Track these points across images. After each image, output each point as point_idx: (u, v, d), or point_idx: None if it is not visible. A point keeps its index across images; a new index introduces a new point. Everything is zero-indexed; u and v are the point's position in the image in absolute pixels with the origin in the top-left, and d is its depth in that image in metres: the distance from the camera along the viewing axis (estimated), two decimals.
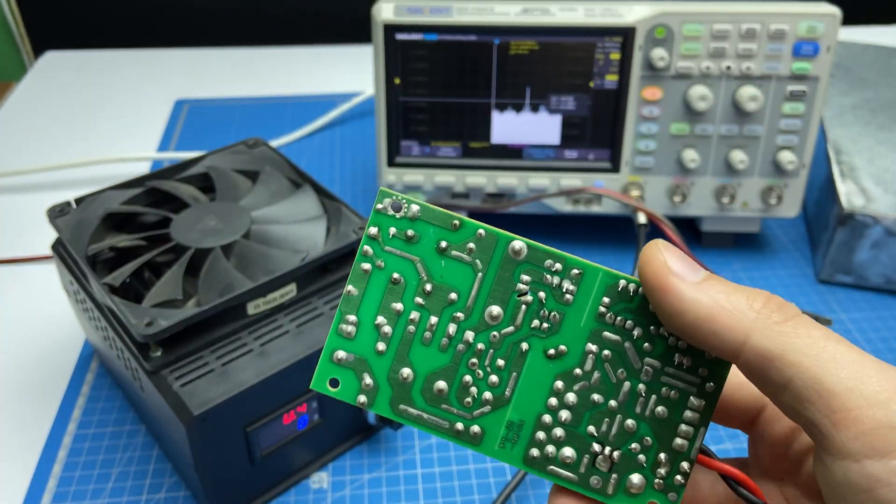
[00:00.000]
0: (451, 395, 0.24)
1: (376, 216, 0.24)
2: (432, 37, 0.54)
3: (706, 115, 0.55)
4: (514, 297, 0.24)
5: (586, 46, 0.54)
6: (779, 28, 0.52)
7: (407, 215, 0.24)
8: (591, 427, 0.24)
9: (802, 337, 0.20)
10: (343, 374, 0.24)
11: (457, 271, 0.24)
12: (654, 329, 0.23)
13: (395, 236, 0.24)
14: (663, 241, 0.22)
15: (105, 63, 0.95)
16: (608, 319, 0.24)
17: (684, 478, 0.23)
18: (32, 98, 0.88)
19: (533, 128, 0.57)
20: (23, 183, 0.72)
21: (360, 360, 0.24)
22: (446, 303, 0.24)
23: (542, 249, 0.24)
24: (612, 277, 0.23)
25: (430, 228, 0.24)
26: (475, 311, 0.24)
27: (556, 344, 0.24)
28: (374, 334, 0.24)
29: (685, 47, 0.53)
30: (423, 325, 0.24)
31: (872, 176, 0.58)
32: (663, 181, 0.57)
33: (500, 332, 0.24)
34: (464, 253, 0.24)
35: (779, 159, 0.55)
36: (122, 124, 0.82)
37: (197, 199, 0.47)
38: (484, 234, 0.24)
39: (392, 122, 0.57)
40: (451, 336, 0.24)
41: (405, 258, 0.24)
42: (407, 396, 0.24)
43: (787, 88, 0.54)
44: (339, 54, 0.97)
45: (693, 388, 0.23)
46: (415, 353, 0.24)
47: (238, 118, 0.83)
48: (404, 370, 0.24)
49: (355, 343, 0.24)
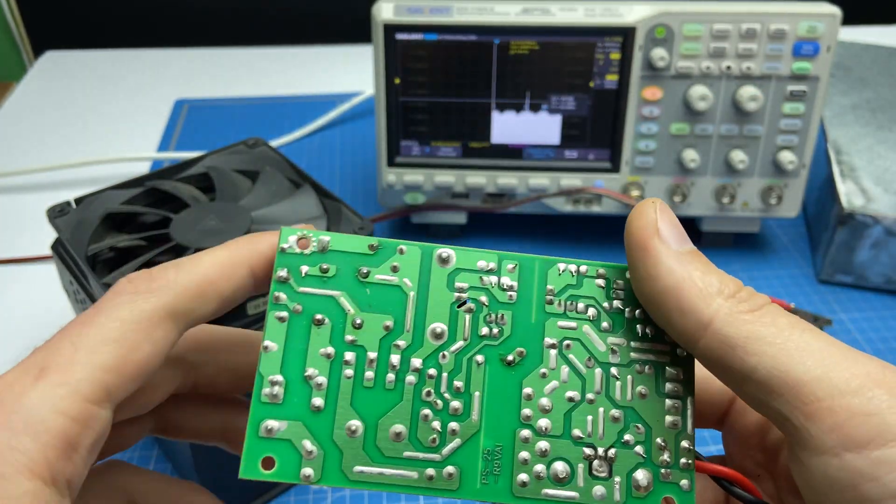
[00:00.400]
0: (412, 436, 0.21)
1: (282, 257, 0.21)
2: (432, 37, 0.54)
3: (706, 115, 0.55)
4: (455, 309, 0.22)
5: (586, 46, 0.54)
6: (779, 28, 0.52)
7: (317, 249, 0.22)
8: (575, 430, 0.21)
9: (767, 325, 0.19)
10: (278, 448, 0.20)
11: (386, 296, 0.22)
12: (608, 304, 0.22)
13: (308, 275, 0.21)
14: (662, 201, 0.21)
15: (105, 63, 0.95)
16: (558, 307, 0.22)
17: (689, 457, 0.21)
18: (32, 98, 0.88)
19: (533, 128, 0.57)
20: (22, 183, 0.72)
21: (295, 424, 0.20)
22: (382, 332, 0.21)
23: (470, 251, 0.22)
24: (549, 263, 0.22)
25: (345, 257, 0.22)
26: (416, 335, 0.21)
27: (512, 347, 0.22)
28: (307, 390, 0.21)
29: (685, 47, 0.53)
30: (361, 365, 0.21)
31: (872, 176, 0.58)
32: (663, 181, 0.57)
33: (449, 350, 0.21)
34: (388, 274, 0.22)
35: (779, 159, 0.55)
36: (122, 124, 0.82)
37: (197, 199, 0.47)
38: (406, 249, 0.22)
39: (392, 122, 0.57)
40: (397, 368, 0.21)
41: (324, 295, 0.21)
42: (360, 454, 0.20)
43: (788, 88, 0.54)
44: (339, 54, 0.97)
45: (665, 357, 0.22)
46: (359, 400, 0.21)
47: (238, 118, 0.83)
48: (351, 422, 0.20)
49: (285, 406, 0.20)
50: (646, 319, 0.22)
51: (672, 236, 0.21)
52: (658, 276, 0.20)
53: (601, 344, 0.22)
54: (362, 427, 0.21)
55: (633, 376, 0.22)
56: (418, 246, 0.22)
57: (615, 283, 0.22)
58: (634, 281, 0.21)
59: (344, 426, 0.20)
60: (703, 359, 0.20)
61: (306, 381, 0.21)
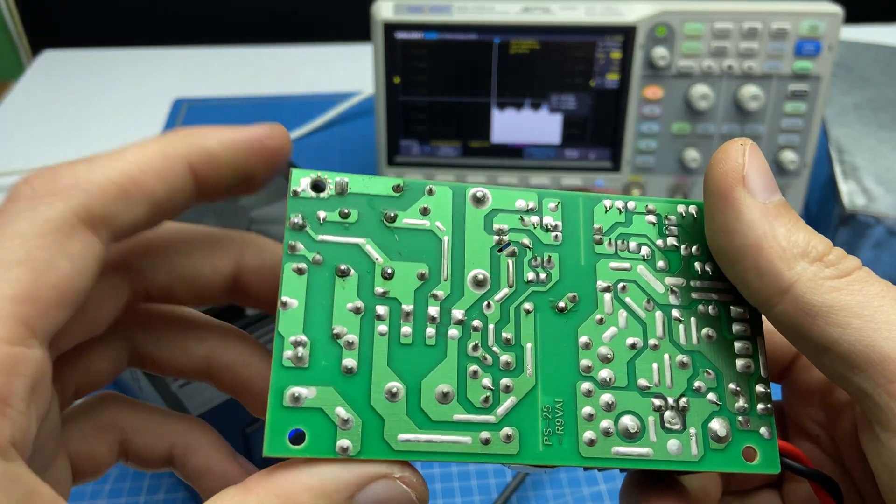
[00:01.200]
0: (461, 397, 0.18)
1: (295, 202, 0.19)
2: (432, 36, 0.54)
3: (707, 114, 0.55)
4: (496, 254, 0.19)
5: (587, 45, 0.53)
6: (780, 27, 0.52)
7: (334, 192, 0.19)
8: (641, 380, 0.19)
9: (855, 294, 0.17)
10: (307, 419, 0.17)
11: (417, 241, 0.19)
12: (662, 242, 0.20)
13: (326, 220, 0.19)
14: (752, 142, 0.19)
15: (103, 62, 0.95)
16: (608, 247, 0.20)
17: (767, 402, 0.19)
18: (30, 97, 0.87)
19: (533, 127, 0.56)
20: None
21: (326, 390, 0.18)
22: (417, 282, 0.19)
23: (507, 190, 0.20)
24: (594, 199, 0.20)
25: (368, 200, 0.19)
26: (455, 283, 0.19)
27: (563, 293, 0.19)
28: (335, 350, 0.18)
29: (686, 46, 0.53)
30: (396, 319, 0.18)
31: (874, 175, 0.58)
32: (664, 181, 0.57)
33: (493, 298, 0.19)
34: (418, 218, 0.19)
35: (780, 159, 0.55)
36: (121, 123, 0.82)
37: None
38: (435, 189, 0.20)
39: (392, 122, 0.57)
40: (437, 321, 0.19)
41: (348, 243, 0.19)
42: (404, 419, 0.18)
43: (789, 87, 0.53)
44: (339, 53, 0.97)
45: (729, 296, 0.20)
46: (397, 358, 0.18)
47: (237, 117, 0.83)
48: (391, 384, 0.18)
49: (312, 370, 0.18)
50: (704, 256, 0.20)
51: (760, 185, 0.18)
52: (737, 230, 0.18)
53: (659, 285, 0.20)
54: (404, 389, 0.18)
55: (696, 318, 0.20)
56: (449, 185, 0.20)
57: (667, 220, 0.20)
58: (710, 231, 0.19)
59: (383, 389, 0.18)
60: (777, 323, 0.18)
61: (334, 340, 0.18)
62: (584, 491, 0.43)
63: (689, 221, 0.21)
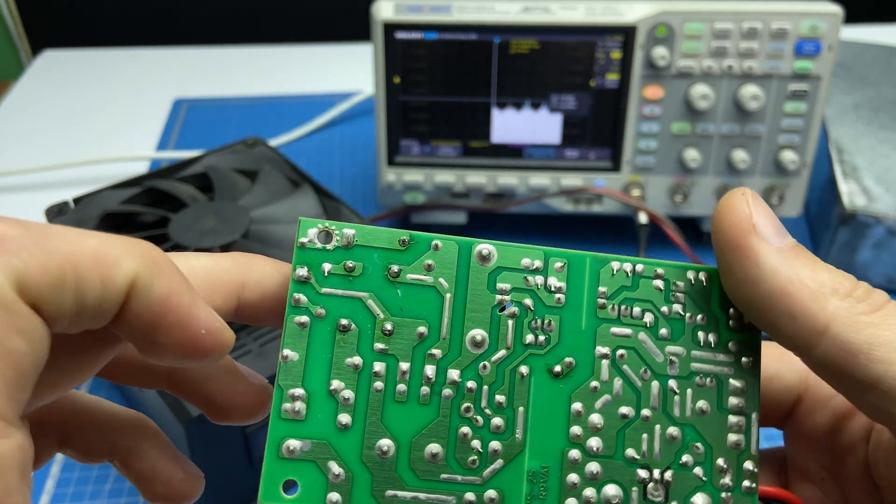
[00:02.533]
0: (450, 457, 0.19)
1: (302, 253, 0.19)
2: (432, 35, 0.54)
3: (707, 114, 0.54)
4: (496, 314, 0.20)
5: (587, 45, 0.53)
6: (780, 27, 0.52)
7: (341, 244, 0.19)
8: (629, 450, 0.19)
9: (891, 327, 0.17)
10: (301, 470, 0.18)
11: (419, 298, 0.19)
12: (667, 309, 0.20)
13: (331, 273, 0.19)
14: (752, 191, 0.19)
15: (103, 62, 0.95)
16: (611, 312, 0.20)
17: (753, 480, 0.19)
18: (30, 97, 0.87)
19: (533, 127, 0.56)
20: (20, 182, 0.72)
21: (320, 444, 0.18)
22: (415, 340, 0.19)
23: (513, 247, 0.20)
24: (602, 261, 0.20)
25: (373, 253, 0.19)
26: (453, 343, 0.19)
27: (561, 357, 0.20)
28: (332, 405, 0.19)
29: (686, 46, 0.53)
30: (392, 377, 0.19)
31: (874, 175, 0.58)
32: (664, 181, 0.57)
33: (490, 360, 0.19)
34: (421, 273, 0.20)
35: (780, 159, 0.55)
36: (121, 123, 0.82)
37: (195, 199, 0.47)
38: (441, 244, 0.20)
39: (392, 122, 0.56)
40: (432, 380, 0.19)
41: (350, 297, 0.19)
42: (392, 476, 0.19)
43: (789, 87, 0.53)
44: (339, 53, 0.97)
45: (729, 369, 0.20)
46: (390, 416, 0.19)
47: (237, 117, 0.82)
48: (382, 441, 0.19)
49: (308, 424, 0.18)
50: (710, 326, 0.20)
51: (771, 230, 0.18)
52: (760, 278, 0.18)
53: (659, 354, 0.20)
54: (394, 447, 0.19)
55: (693, 390, 0.20)
56: (455, 241, 0.20)
57: (675, 286, 0.20)
58: (731, 285, 0.19)
59: (374, 446, 0.19)
60: (818, 367, 0.18)
61: (331, 396, 0.19)
62: None
63: (697, 288, 0.20)
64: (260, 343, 0.41)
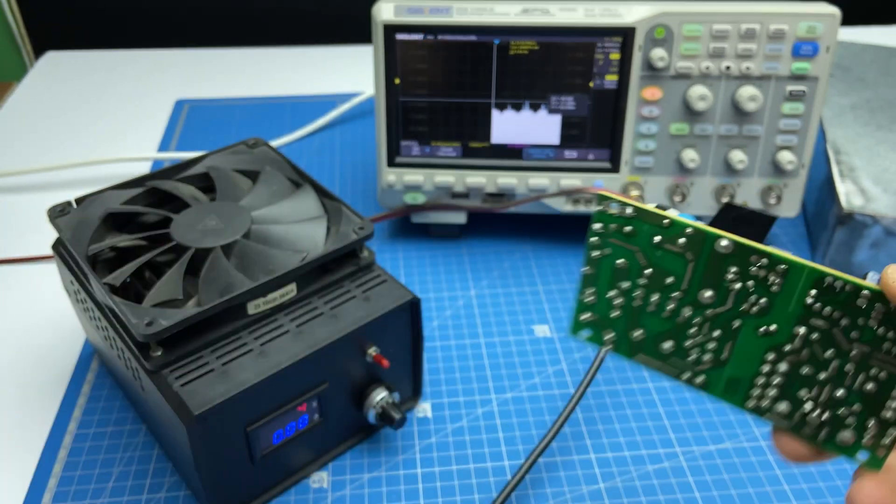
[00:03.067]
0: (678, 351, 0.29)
1: (599, 215, 0.28)
2: (432, 37, 0.54)
3: (706, 115, 0.55)
4: (724, 285, 0.27)
5: (586, 46, 0.54)
6: (778, 28, 0.52)
7: (624, 214, 0.28)
8: (802, 391, 0.27)
9: None
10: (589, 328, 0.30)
11: (671, 260, 0.28)
12: (863, 320, 0.25)
13: (615, 231, 0.28)
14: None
15: (106, 63, 0.95)
16: (815, 309, 0.26)
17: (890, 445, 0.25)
18: (33, 98, 0.88)
19: (533, 128, 0.57)
20: (23, 183, 0.72)
21: (601, 320, 0.30)
22: (664, 285, 0.28)
23: (748, 247, 0.26)
24: (819, 274, 0.25)
25: (644, 226, 0.28)
26: (690, 293, 0.28)
27: (767, 324, 0.27)
28: (609, 304, 0.29)
29: (685, 47, 0.53)
30: (647, 301, 0.29)
31: (872, 176, 0.58)
32: (663, 181, 0.57)
33: (714, 310, 0.27)
34: (675, 247, 0.28)
35: (778, 159, 0.55)
36: (123, 124, 0.82)
37: (197, 199, 0.47)
38: (692, 231, 0.27)
39: (392, 122, 0.57)
40: (671, 311, 0.28)
41: (626, 248, 0.28)
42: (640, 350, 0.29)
43: (787, 88, 0.54)
44: (339, 54, 0.97)
45: None
46: (643, 319, 0.29)
47: (238, 118, 0.83)
48: (636, 331, 0.29)
49: (595, 308, 0.30)
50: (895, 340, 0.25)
51: None
52: None
53: (846, 345, 0.25)
54: (644, 336, 0.29)
55: (866, 376, 0.25)
56: (703, 231, 0.27)
57: (875, 307, 0.25)
58: None
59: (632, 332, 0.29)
60: None
61: (609, 300, 0.29)
62: (584, 490, 0.44)
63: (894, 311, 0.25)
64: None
